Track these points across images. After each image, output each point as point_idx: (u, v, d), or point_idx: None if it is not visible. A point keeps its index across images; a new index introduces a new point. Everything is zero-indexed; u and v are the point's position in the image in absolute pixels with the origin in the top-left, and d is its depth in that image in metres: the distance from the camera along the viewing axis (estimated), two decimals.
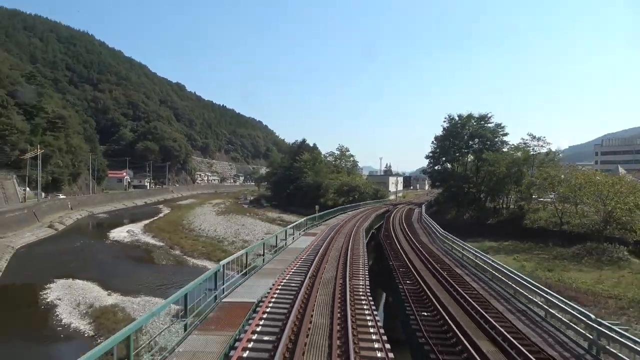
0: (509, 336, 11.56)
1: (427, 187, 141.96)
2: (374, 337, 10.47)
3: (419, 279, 18.10)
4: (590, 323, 12.12)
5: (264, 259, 19.47)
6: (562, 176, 46.43)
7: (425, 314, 14.03)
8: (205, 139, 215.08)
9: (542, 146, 55.17)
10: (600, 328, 11.58)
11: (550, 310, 14.29)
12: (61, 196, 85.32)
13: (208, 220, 68.74)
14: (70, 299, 26.71)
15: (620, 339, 10.87)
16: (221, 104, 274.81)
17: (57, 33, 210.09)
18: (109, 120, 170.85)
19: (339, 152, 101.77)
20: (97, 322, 22.08)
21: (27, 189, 78.65)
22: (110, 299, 26.76)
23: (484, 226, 53.76)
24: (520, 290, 16.69)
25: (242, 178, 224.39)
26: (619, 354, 10.63)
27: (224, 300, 12.96)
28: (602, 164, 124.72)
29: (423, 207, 57.04)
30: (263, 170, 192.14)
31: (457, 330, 11.80)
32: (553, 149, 57.29)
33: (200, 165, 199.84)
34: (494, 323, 12.66)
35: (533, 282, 17.00)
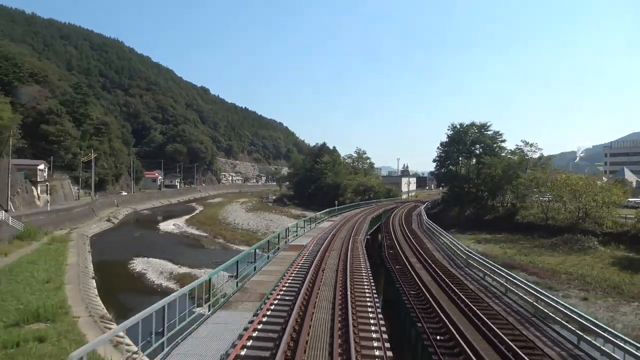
0: (428, 260, 23.93)
1: (441, 188, 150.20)
2: (359, 248, 25.17)
3: (395, 240, 29.20)
4: (473, 257, 23.37)
5: (304, 230, 31.90)
6: (547, 177, 54.45)
7: (392, 251, 26.84)
8: (229, 140, 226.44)
9: (534, 151, 63.26)
10: (482, 263, 23.50)
11: (456, 251, 26.80)
12: (124, 193, 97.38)
13: (240, 216, 78.55)
14: (153, 269, 36.49)
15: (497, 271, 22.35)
16: (243, 106, 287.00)
17: (90, 41, 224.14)
18: (140, 124, 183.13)
19: (356, 155, 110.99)
20: (181, 282, 31.61)
21: (79, 188, 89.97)
22: (182, 270, 36.42)
23: (482, 221, 61.95)
24: (454, 249, 27.94)
25: (264, 178, 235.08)
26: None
27: (289, 244, 26.47)
28: (612, 165, 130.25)
29: (427, 204, 65.89)
30: (284, 171, 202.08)
31: (404, 258, 24.53)
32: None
33: (224, 165, 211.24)
34: (425, 256, 25.12)
35: (463, 246, 27.32)
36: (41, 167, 67.15)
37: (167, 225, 66.90)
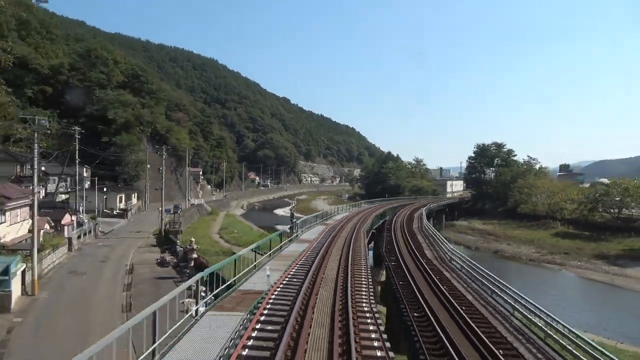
0: (406, 233, 54.80)
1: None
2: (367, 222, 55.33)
3: (393, 220, 60.78)
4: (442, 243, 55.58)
5: (370, 205, 65.65)
6: (533, 182, 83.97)
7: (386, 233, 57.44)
8: (307, 145, 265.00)
9: (535, 163, 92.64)
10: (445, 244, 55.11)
11: (424, 230, 57.44)
12: (269, 187, 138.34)
13: (325, 207, 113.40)
14: None
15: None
16: (319, 114, 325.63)
17: (192, 62, 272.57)
18: (236, 133, 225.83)
19: (415, 162, 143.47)
20: None
21: (212, 186, 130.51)
22: None
23: (496, 212, 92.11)
24: (429, 230, 58.76)
25: (338, 179, 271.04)
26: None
27: (361, 207, 59.07)
28: None
29: (453, 200, 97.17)
30: (356, 172, 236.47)
31: (392, 229, 55.29)
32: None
33: (304, 168, 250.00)
34: (405, 230, 55.61)
35: (433, 228, 59.56)
36: (200, 172, 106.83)
37: (279, 212, 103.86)
